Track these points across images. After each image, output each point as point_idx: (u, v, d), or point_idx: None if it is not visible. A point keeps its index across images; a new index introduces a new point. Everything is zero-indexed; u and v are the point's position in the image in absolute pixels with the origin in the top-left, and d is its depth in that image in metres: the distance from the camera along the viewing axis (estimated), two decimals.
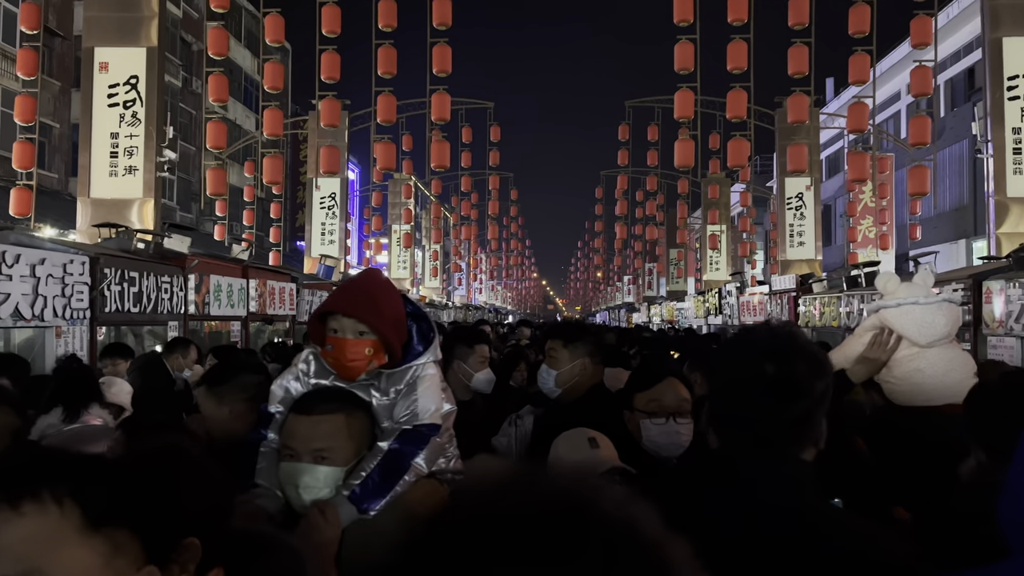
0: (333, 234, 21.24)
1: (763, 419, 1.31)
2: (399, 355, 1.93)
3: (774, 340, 1.36)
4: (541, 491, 0.57)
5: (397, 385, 1.93)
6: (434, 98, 14.02)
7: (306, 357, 2.03)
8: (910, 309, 2.77)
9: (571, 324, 3.23)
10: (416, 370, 1.95)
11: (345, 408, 1.83)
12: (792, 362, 1.33)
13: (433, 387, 1.95)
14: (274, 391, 2.02)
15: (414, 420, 1.88)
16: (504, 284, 70.18)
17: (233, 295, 8.24)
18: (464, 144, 23.71)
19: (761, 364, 1.32)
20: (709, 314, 18.78)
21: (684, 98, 13.82)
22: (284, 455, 1.81)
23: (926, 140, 12.48)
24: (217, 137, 12.19)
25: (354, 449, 1.81)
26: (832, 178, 32.88)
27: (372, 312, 1.87)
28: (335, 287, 12.11)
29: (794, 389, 1.32)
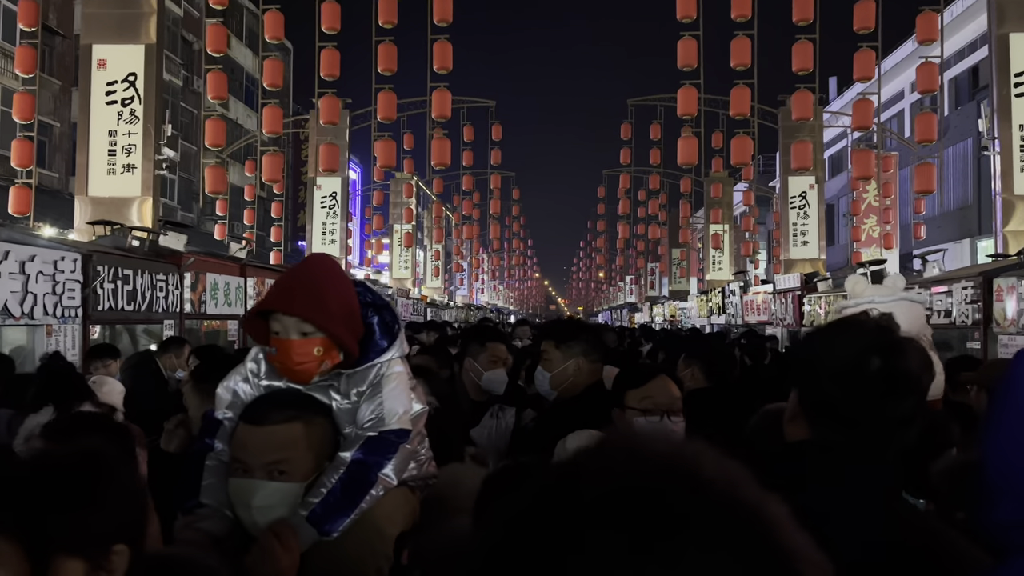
0: (334, 233, 21.17)
1: (870, 416, 1.24)
2: (356, 352, 1.71)
3: (881, 332, 1.29)
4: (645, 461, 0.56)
5: (359, 386, 1.72)
6: (435, 95, 13.91)
7: (255, 355, 1.81)
8: (868, 309, 2.62)
9: (563, 323, 3.09)
10: (380, 368, 1.74)
11: (303, 415, 1.63)
12: (904, 356, 1.26)
13: (400, 387, 1.74)
14: (220, 394, 1.80)
15: (380, 425, 1.67)
16: (506, 284, 70.08)
17: (230, 294, 8.14)
18: (466, 143, 23.59)
19: (868, 357, 1.24)
20: (712, 314, 18.66)
21: (687, 95, 13.70)
22: (234, 469, 1.59)
23: (932, 137, 12.35)
24: (216, 135, 12.10)
25: (313, 461, 1.61)
26: (835, 178, 32.74)
27: (315, 308, 1.65)
28: None
29: (906, 385, 1.25)
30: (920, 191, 13.15)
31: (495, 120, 23.33)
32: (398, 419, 1.69)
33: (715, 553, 0.51)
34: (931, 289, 7.25)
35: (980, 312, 6.43)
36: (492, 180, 28.36)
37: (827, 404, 1.28)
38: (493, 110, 22.93)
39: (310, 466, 1.60)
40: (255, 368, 1.79)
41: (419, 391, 1.83)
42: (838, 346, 1.31)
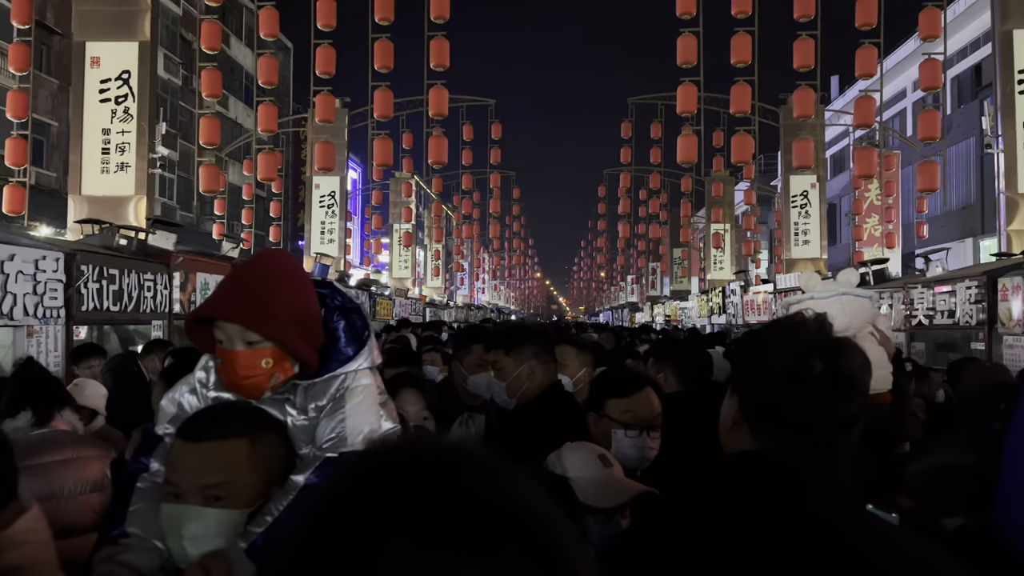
0: (333, 233, 21.09)
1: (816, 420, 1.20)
2: (314, 362, 1.50)
3: (820, 333, 1.25)
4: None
5: (318, 400, 1.52)
6: (432, 93, 13.76)
7: (205, 363, 1.60)
8: (809, 304, 2.79)
9: (510, 330, 2.95)
10: (344, 380, 1.53)
11: (249, 431, 1.42)
12: (845, 357, 1.22)
13: (367, 402, 1.53)
14: (163, 407, 1.59)
15: (341, 445, 1.46)
16: (507, 284, 69.95)
17: None
18: (465, 142, 23.48)
19: (810, 359, 1.20)
20: (713, 313, 18.53)
21: (687, 92, 13.55)
22: (167, 493, 1.39)
23: (935, 135, 12.20)
24: (211, 133, 11.96)
25: (260, 485, 1.40)
26: (837, 177, 32.61)
27: (261, 314, 1.44)
28: None
29: (849, 386, 1.21)
30: (923, 189, 13.00)
31: (494, 119, 23.24)
32: (363, 439, 1.49)
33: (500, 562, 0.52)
34: (934, 289, 7.12)
35: (984, 312, 6.30)
36: (492, 179, 28.22)
37: (773, 408, 1.22)
38: (492, 109, 22.84)
39: (255, 491, 1.39)
40: (204, 378, 1.60)
41: (390, 407, 1.63)
42: (779, 348, 1.26)
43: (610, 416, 2.35)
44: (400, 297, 17.45)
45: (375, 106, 13.59)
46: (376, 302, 14.53)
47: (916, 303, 7.36)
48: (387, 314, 15.40)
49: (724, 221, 27.53)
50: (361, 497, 0.55)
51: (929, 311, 7.16)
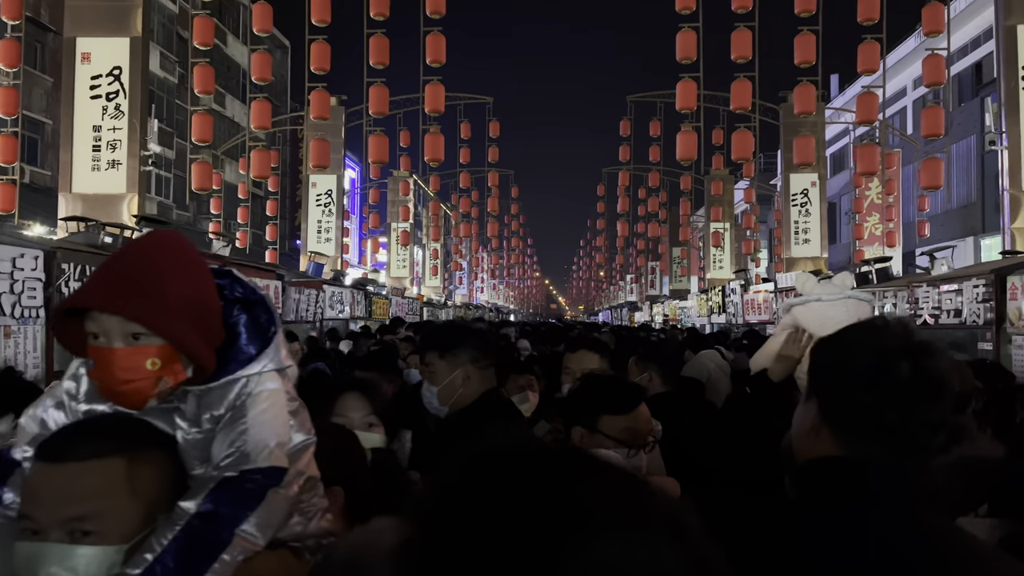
0: (330, 232, 20.95)
1: (904, 423, 1.17)
2: (211, 363, 1.25)
3: (906, 334, 1.22)
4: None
5: (215, 409, 1.26)
6: (428, 89, 13.57)
7: (75, 371, 1.33)
8: (814, 306, 2.88)
9: (446, 330, 2.78)
10: (245, 384, 1.28)
11: (127, 448, 1.17)
12: (933, 357, 1.19)
13: (273, 410, 1.27)
14: (24, 425, 1.31)
15: (243, 463, 1.21)
16: (506, 283, 69.78)
17: None
18: (463, 140, 23.32)
19: (897, 360, 1.18)
20: (712, 313, 18.37)
21: (686, 89, 13.37)
22: (22, 529, 1.13)
23: (939, 131, 12.04)
24: (203, 130, 11.78)
25: (140, 515, 1.14)
26: (837, 176, 32.46)
27: (146, 303, 1.18)
28: None
29: (938, 388, 1.19)
30: (927, 187, 12.84)
31: (493, 117, 23.06)
32: (268, 454, 1.23)
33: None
34: (940, 287, 6.95)
35: (992, 311, 6.13)
36: (490, 178, 28.05)
37: (859, 412, 1.20)
38: (491, 107, 22.66)
39: (134, 522, 1.13)
40: (73, 388, 1.31)
41: (303, 416, 1.37)
42: (863, 350, 1.22)
43: (605, 433, 2.15)
44: (396, 296, 17.27)
45: (371, 103, 13.39)
46: (372, 301, 14.36)
47: (921, 302, 7.20)
48: (383, 314, 15.23)
49: (724, 220, 27.39)
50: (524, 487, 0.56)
51: (935, 310, 7.00)
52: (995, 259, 9.60)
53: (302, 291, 10.28)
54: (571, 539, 0.53)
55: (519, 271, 63.88)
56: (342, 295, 12.09)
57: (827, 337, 1.36)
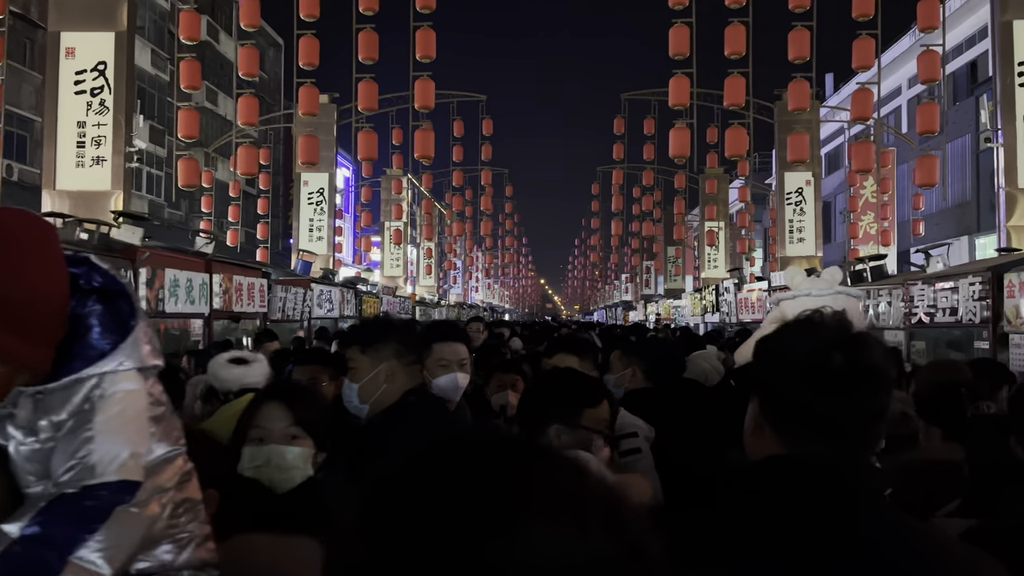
0: (322, 230, 20.79)
1: (842, 416, 1.16)
2: (39, 361, 1.08)
3: (840, 328, 1.22)
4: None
5: (55, 414, 1.09)
6: (418, 85, 13.38)
7: None
8: (804, 300, 2.85)
9: (369, 324, 2.59)
10: (95, 385, 1.11)
11: None
12: (867, 349, 1.18)
13: (129, 415, 1.12)
14: None
15: (86, 476, 1.05)
16: (501, 283, 69.63)
17: (193, 291, 7.68)
18: (456, 138, 23.17)
19: (830, 353, 1.16)
20: (706, 312, 18.25)
21: (679, 85, 13.21)
22: None
23: (934, 128, 11.91)
24: (189, 126, 11.59)
25: None
26: (832, 175, 32.38)
27: None
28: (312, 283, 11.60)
29: (875, 379, 1.18)
30: (922, 184, 12.72)
31: (486, 115, 22.89)
32: (119, 466, 1.07)
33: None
34: (935, 285, 6.82)
35: (989, 309, 6.00)
36: (484, 176, 27.89)
37: (796, 408, 1.19)
38: (484, 105, 22.50)
39: None
40: None
41: (169, 424, 1.20)
42: (799, 344, 1.22)
43: (588, 427, 2.05)
44: (388, 295, 17.10)
45: (360, 99, 13.20)
46: (362, 300, 14.20)
47: (916, 300, 7.07)
48: (374, 313, 15.08)
49: (718, 219, 27.30)
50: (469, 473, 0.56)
51: (930, 308, 6.87)
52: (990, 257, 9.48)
53: (289, 290, 10.12)
54: (503, 528, 0.53)
55: (514, 270, 63.72)
56: (331, 294, 11.93)
57: (766, 334, 1.34)
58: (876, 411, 1.17)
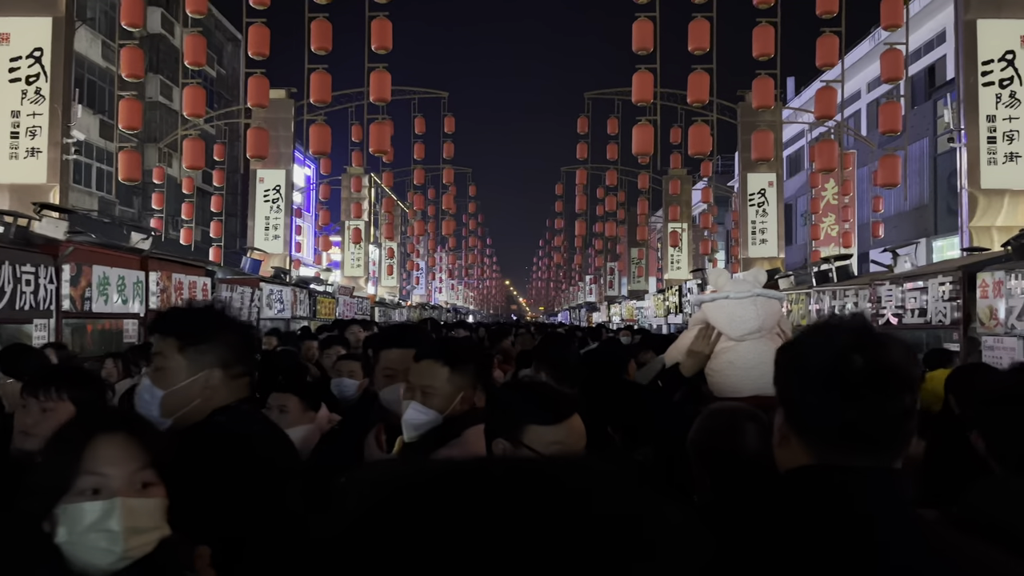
0: (278, 229, 20.25)
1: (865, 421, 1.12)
2: None
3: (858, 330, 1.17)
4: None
5: None
6: (373, 76, 12.87)
7: None
8: (723, 303, 2.90)
9: (196, 314, 1.98)
10: None
11: None
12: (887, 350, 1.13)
13: None
14: None
15: None
16: (464, 284, 69.13)
17: (126, 289, 7.18)
18: (417, 135, 22.69)
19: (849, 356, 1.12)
20: (669, 313, 18.06)
21: (642, 81, 12.94)
22: None
23: (897, 128, 11.82)
24: (131, 117, 10.99)
25: None
26: (793, 177, 32.58)
27: None
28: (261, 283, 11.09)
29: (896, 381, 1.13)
30: (884, 184, 12.63)
31: (448, 112, 22.46)
32: None
33: None
34: (904, 285, 6.61)
35: (959, 310, 5.79)
36: (445, 174, 27.44)
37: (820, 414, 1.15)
38: (446, 102, 22.07)
39: None
40: None
41: None
42: (815, 351, 1.19)
43: (531, 447, 1.74)
44: (344, 296, 16.59)
45: (312, 91, 12.67)
46: (316, 301, 13.69)
47: (884, 301, 6.86)
48: (329, 314, 14.57)
49: (681, 220, 27.29)
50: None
51: (898, 309, 6.66)
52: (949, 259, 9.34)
53: (235, 289, 9.64)
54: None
55: (478, 271, 63.30)
56: (282, 294, 11.45)
57: (785, 343, 1.31)
58: (901, 413, 1.13)
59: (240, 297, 9.80)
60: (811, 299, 8.79)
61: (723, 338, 2.94)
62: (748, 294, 2.93)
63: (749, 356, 2.81)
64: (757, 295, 2.94)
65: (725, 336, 2.93)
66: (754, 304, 2.88)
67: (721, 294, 3.00)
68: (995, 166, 10.45)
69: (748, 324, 2.87)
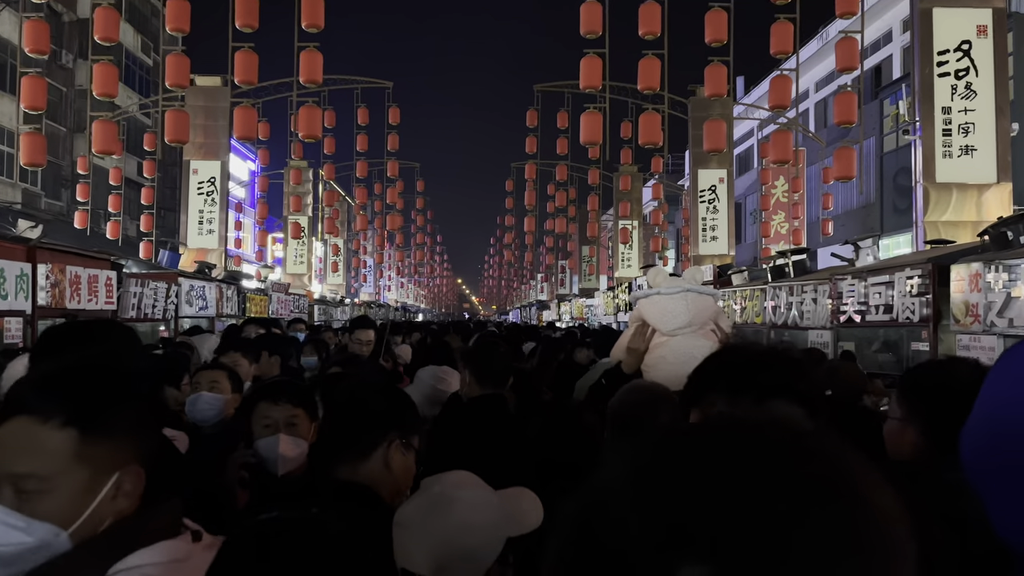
0: (212, 223, 19.29)
1: None
2: None
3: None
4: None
5: None
6: (303, 56, 12.00)
7: None
8: (656, 299, 2.96)
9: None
10: None
11: None
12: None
13: None
14: None
15: None
16: (415, 281, 68.05)
17: (8, 283, 6.32)
18: (360, 126, 21.80)
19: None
20: (619, 311, 17.60)
21: (591, 66, 12.34)
22: None
23: (852, 119, 11.46)
24: (35, 96, 9.98)
25: None
26: (742, 176, 32.56)
27: None
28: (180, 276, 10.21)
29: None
30: (840, 177, 12.27)
31: (392, 103, 21.61)
32: None
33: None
34: (867, 280, 6.14)
35: (929, 306, 5.32)
36: (391, 167, 26.53)
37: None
38: (390, 92, 21.22)
39: None
40: None
41: None
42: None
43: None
44: (279, 293, 15.70)
45: (236, 71, 11.74)
46: (246, 298, 12.81)
47: (846, 296, 6.39)
48: (261, 312, 13.68)
49: (632, 217, 26.97)
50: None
51: (861, 305, 6.18)
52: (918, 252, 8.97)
53: (146, 284, 8.77)
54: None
55: (428, 269, 62.31)
56: (203, 290, 10.58)
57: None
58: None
59: (152, 293, 8.95)
60: (766, 295, 8.31)
61: (656, 334, 3.00)
62: (678, 289, 2.98)
63: (680, 351, 2.86)
64: (687, 290, 2.99)
65: (659, 332, 2.99)
66: (684, 299, 2.94)
67: (653, 290, 3.05)
68: (950, 159, 10.16)
69: (679, 319, 2.92)
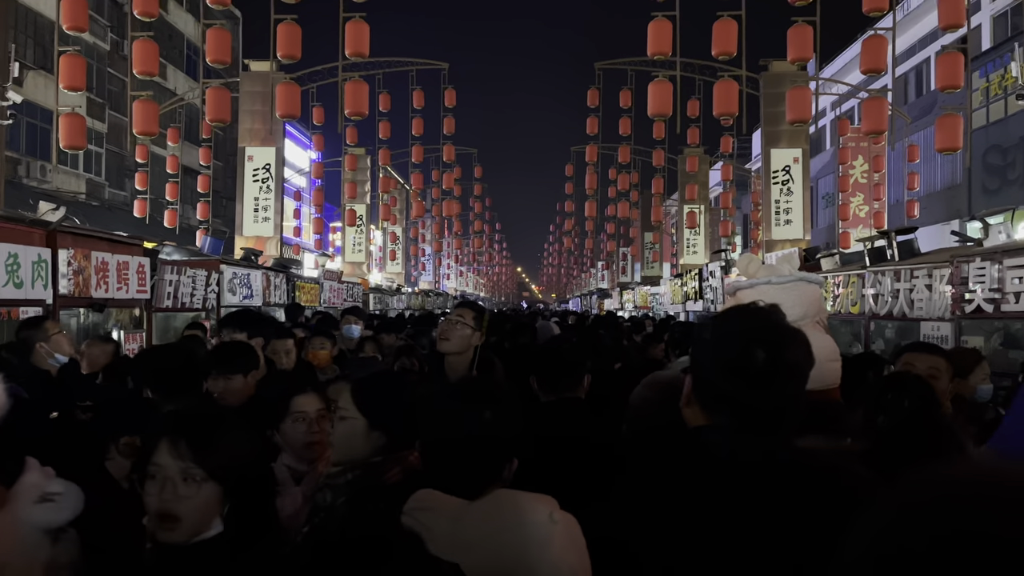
0: (268, 211, 19.05)
1: (760, 402, 1.34)
2: None
3: (767, 324, 1.41)
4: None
5: None
6: (349, 27, 11.28)
7: None
8: (765, 289, 2.77)
9: None
10: None
11: None
12: (788, 348, 1.36)
13: None
14: None
15: None
16: (473, 270, 67.71)
17: (24, 270, 5.81)
18: (415, 110, 21.16)
19: (753, 350, 1.36)
20: (688, 299, 16.58)
21: (660, 30, 11.28)
22: None
23: (959, 83, 10.18)
24: (73, 75, 9.58)
25: None
26: (814, 157, 30.94)
27: None
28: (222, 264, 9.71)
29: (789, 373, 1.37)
30: (943, 148, 10.99)
31: (448, 85, 20.92)
32: None
33: None
34: (1003, 262, 5.11)
35: None
36: (446, 152, 25.86)
37: (719, 394, 1.39)
38: (446, 73, 20.53)
39: None
40: None
41: None
42: (727, 338, 1.40)
43: None
44: (331, 281, 15.19)
45: (280, 45, 11.13)
46: (295, 286, 12.31)
47: (972, 282, 5.37)
48: (312, 301, 13.19)
49: (698, 200, 25.78)
50: None
51: (993, 292, 5.17)
52: None
53: (183, 271, 8.25)
54: None
55: (487, 256, 61.79)
56: (248, 277, 10.06)
57: (702, 321, 1.53)
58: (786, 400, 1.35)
59: (190, 281, 8.42)
60: (865, 281, 7.29)
61: None
62: (791, 278, 2.68)
63: None
64: (799, 279, 2.69)
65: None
66: (796, 288, 2.66)
67: (760, 280, 2.74)
68: None
69: (793, 312, 2.62)
